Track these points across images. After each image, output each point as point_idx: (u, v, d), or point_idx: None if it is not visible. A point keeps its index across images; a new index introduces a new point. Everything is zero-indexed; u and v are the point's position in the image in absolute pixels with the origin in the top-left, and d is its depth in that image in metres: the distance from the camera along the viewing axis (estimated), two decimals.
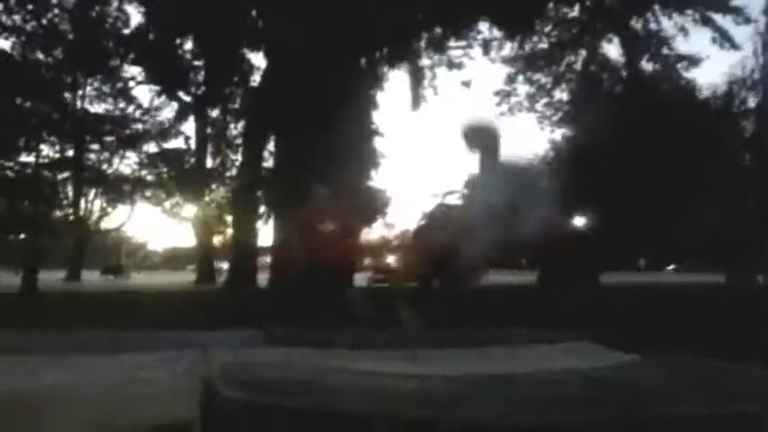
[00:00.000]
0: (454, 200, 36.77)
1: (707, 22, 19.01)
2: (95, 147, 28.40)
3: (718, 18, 18.89)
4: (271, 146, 18.24)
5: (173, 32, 16.75)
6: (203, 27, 15.20)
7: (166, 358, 3.22)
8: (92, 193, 29.91)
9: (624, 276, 25.65)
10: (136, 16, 24.24)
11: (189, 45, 18.19)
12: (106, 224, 32.55)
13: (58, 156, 27.64)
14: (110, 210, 31.26)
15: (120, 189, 29.70)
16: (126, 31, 19.65)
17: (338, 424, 1.79)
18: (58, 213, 30.07)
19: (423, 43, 16.26)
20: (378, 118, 17.95)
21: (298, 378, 2.49)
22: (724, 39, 18.99)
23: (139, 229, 70.64)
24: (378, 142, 18.84)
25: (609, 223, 17.89)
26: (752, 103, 22.29)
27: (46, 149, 27.06)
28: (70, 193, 29.10)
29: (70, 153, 27.67)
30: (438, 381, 2.70)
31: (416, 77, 16.95)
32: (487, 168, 3.42)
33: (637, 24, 19.80)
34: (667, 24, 19.55)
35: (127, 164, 29.23)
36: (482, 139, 3.44)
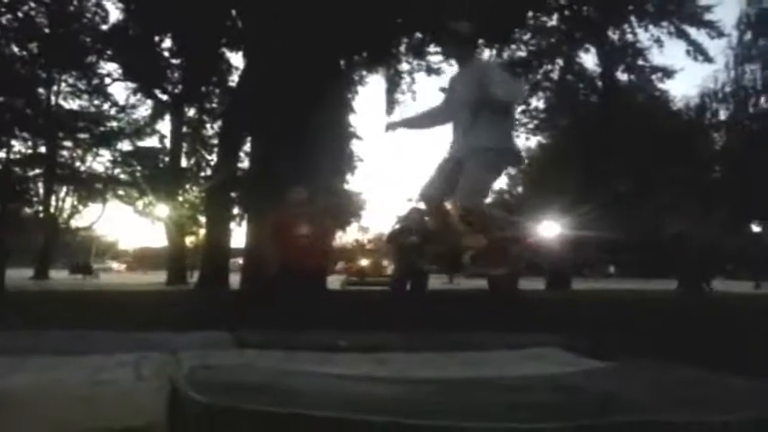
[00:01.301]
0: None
1: (681, 34, 19.46)
2: (68, 144, 27.91)
3: (693, 31, 19.37)
4: (246, 147, 18.16)
5: (151, 30, 16.56)
6: (182, 25, 15.06)
7: (133, 360, 3.20)
8: (63, 190, 29.43)
9: (594, 283, 26.05)
10: (114, 12, 23.98)
11: (167, 43, 18.01)
12: (77, 222, 32.03)
13: (29, 152, 27.12)
14: (81, 208, 30.75)
15: (92, 187, 29.19)
16: (104, 27, 19.32)
17: (302, 427, 1.80)
18: (27, 210, 29.47)
19: (402, 48, 16.34)
20: (355, 121, 18.01)
21: (263, 381, 2.49)
22: (698, 51, 19.45)
23: (110, 228, 69.55)
24: (354, 145, 18.91)
25: (581, 229, 18.17)
26: (723, 115, 22.88)
27: (17, 145, 26.55)
28: (41, 190, 28.57)
29: (42, 149, 27.16)
30: (402, 385, 2.72)
31: (393, 82, 17.02)
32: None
33: (613, 35, 20.19)
34: (643, 36, 19.98)
35: (100, 161, 28.80)
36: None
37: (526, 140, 25.87)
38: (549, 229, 18.24)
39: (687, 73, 54.18)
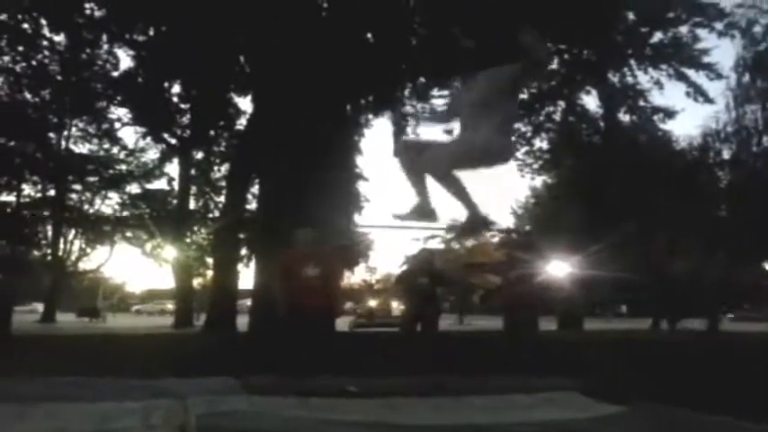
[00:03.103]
0: (436, 244, 37.01)
1: (681, 76, 19.71)
2: (78, 187, 28.23)
3: (692, 73, 19.61)
4: (254, 189, 18.30)
5: (161, 76, 16.95)
6: (192, 72, 15.42)
7: (141, 408, 3.16)
8: (71, 233, 29.59)
9: (606, 323, 25.73)
10: (125, 59, 24.59)
11: (176, 88, 18.39)
12: (84, 265, 32.10)
13: (39, 195, 27.43)
14: (89, 250, 30.87)
15: (100, 229, 29.38)
16: (115, 74, 19.80)
17: None
18: (35, 253, 29.58)
19: (406, 92, 16.62)
20: (361, 162, 18.18)
21: (272, 428, 2.46)
22: (698, 93, 19.63)
23: (118, 270, 69.51)
24: (361, 186, 19.03)
25: (591, 268, 18.07)
26: (726, 155, 23.01)
27: (27, 189, 26.88)
28: (49, 233, 28.74)
29: (51, 192, 27.47)
30: (415, 430, 2.68)
31: (399, 125, 17.25)
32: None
33: (614, 78, 20.47)
34: (643, 78, 20.20)
35: (108, 204, 29.06)
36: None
37: (532, 180, 26.06)
38: (559, 268, 18.14)
39: (688, 113, 54.71)
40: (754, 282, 24.99)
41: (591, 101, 22.39)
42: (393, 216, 3.51)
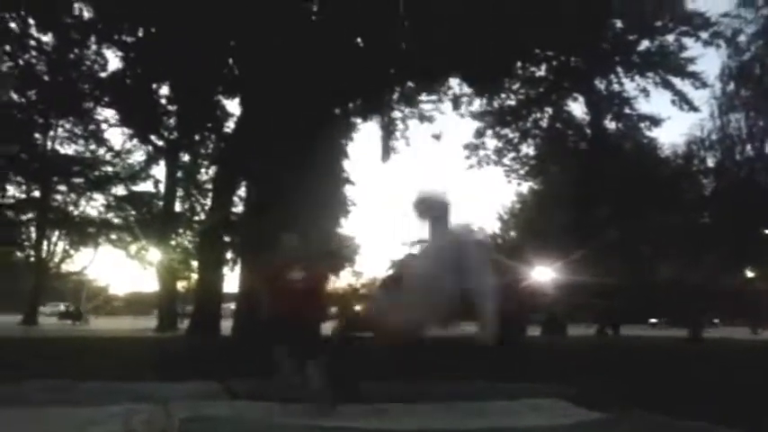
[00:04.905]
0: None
1: (667, 85, 19.94)
2: (63, 188, 27.94)
3: (678, 82, 19.85)
4: (241, 192, 18.22)
5: (149, 78, 16.83)
6: (180, 74, 15.32)
7: (123, 412, 3.13)
8: (55, 234, 29.25)
9: (588, 328, 25.88)
10: (113, 60, 24.39)
11: (165, 90, 18.28)
12: (68, 267, 31.73)
13: (23, 196, 27.12)
14: (72, 252, 30.52)
15: (84, 231, 29.06)
16: (102, 75, 19.64)
17: None
18: (18, 254, 29.20)
19: (395, 96, 16.66)
20: (349, 167, 18.17)
21: None
22: (683, 101, 19.87)
23: (101, 273, 68.71)
24: (348, 190, 19.02)
25: (573, 274, 18.21)
26: (711, 162, 23.32)
27: (11, 189, 26.57)
28: (33, 234, 28.40)
29: (36, 193, 27.16)
30: None
31: (387, 129, 17.28)
32: (437, 238, 3.53)
33: (600, 85, 20.69)
34: (629, 86, 20.44)
35: (93, 206, 28.77)
36: (432, 210, 3.57)
37: (518, 186, 26.26)
38: (543, 274, 18.26)
39: (674, 122, 55.28)
40: (737, 288, 25.34)
41: (578, 108, 22.65)
42: None
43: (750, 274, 27.27)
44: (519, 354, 7.05)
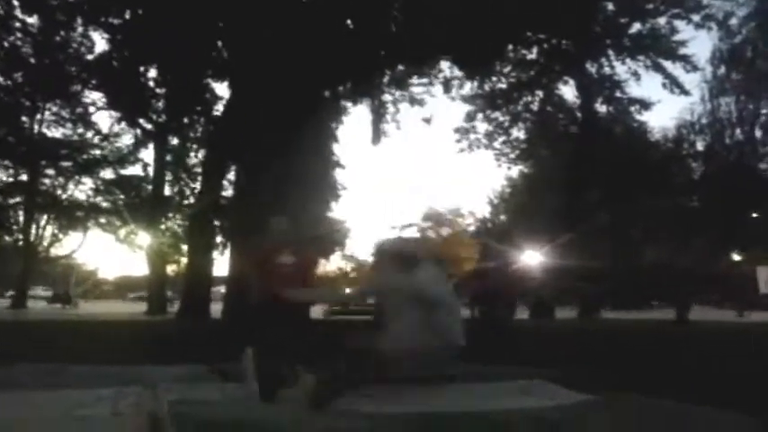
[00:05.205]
0: (413, 233, 37.15)
1: (658, 68, 19.97)
2: (51, 172, 27.67)
3: (669, 65, 19.88)
4: (230, 175, 18.14)
5: (136, 60, 16.62)
6: (168, 56, 15.13)
7: (111, 395, 3.14)
8: (43, 218, 29.02)
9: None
10: (100, 43, 24.02)
11: (153, 73, 18.07)
12: (57, 251, 31.54)
13: (11, 180, 26.83)
14: (61, 236, 30.31)
15: (73, 215, 28.85)
16: (89, 57, 19.35)
17: None
18: (6, 238, 28.99)
19: (385, 79, 16.57)
20: (339, 150, 18.11)
21: (243, 416, 2.46)
22: (674, 84, 19.93)
23: (90, 256, 68.50)
24: (338, 174, 18.98)
25: (562, 258, 18.31)
26: (700, 146, 23.44)
27: None
28: (21, 218, 28.16)
29: (24, 177, 26.89)
30: (385, 419, 2.70)
31: (378, 112, 17.21)
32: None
33: (591, 68, 20.69)
34: (620, 69, 20.48)
35: (82, 190, 28.52)
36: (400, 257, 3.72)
37: (508, 170, 26.29)
38: (532, 257, 18.35)
39: (664, 105, 55.58)
40: (725, 271, 25.60)
41: (568, 91, 22.66)
42: None
43: (737, 258, 27.58)
44: (508, 337, 7.11)
